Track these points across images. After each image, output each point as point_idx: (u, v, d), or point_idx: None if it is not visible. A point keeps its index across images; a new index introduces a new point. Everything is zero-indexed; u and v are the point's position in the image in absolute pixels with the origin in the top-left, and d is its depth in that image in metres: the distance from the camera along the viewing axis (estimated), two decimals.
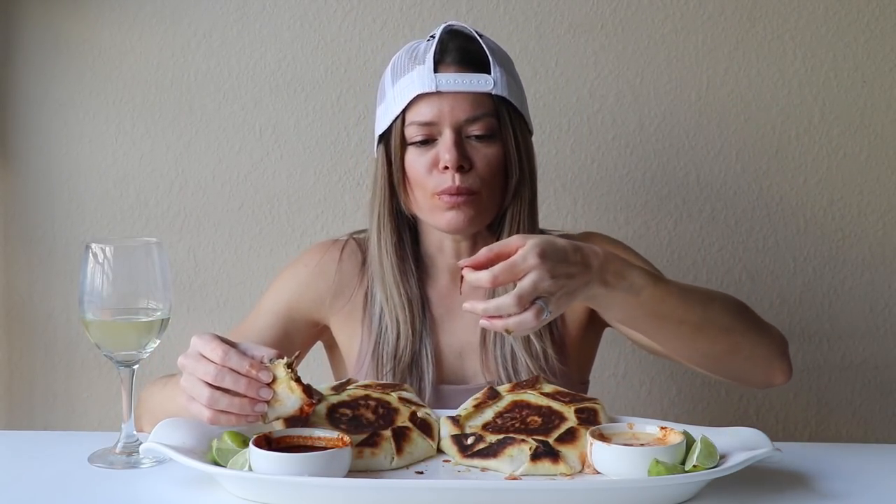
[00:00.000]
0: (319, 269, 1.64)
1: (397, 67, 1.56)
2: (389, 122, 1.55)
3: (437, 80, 1.51)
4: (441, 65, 1.52)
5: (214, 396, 1.23)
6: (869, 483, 1.29)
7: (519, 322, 1.23)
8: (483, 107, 1.52)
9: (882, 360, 2.20)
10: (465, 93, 1.51)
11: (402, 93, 1.53)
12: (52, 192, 2.15)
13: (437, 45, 1.53)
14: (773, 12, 2.14)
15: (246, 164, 2.15)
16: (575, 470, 1.25)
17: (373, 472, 1.26)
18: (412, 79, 1.52)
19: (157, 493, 1.23)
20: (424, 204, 1.54)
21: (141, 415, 1.51)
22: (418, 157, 1.53)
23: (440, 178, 1.51)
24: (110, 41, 2.13)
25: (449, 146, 1.50)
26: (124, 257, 1.31)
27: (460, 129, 1.51)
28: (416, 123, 1.52)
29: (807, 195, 2.16)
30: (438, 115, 1.51)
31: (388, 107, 1.56)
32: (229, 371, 1.23)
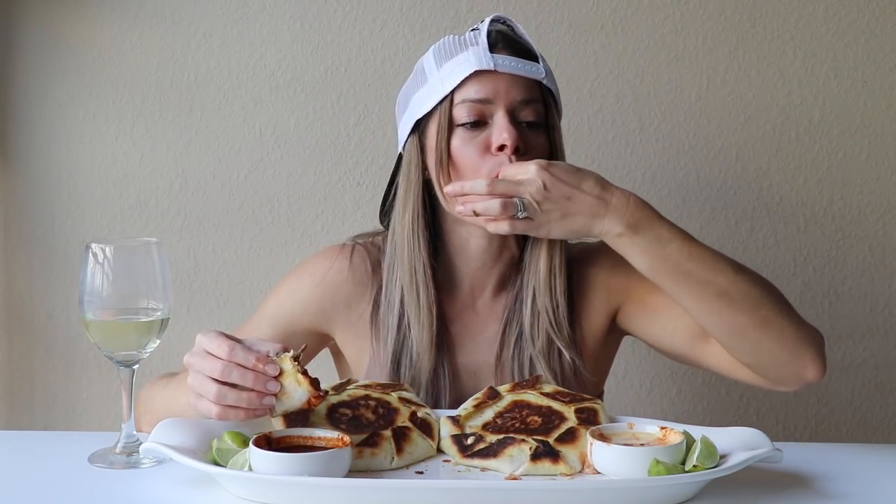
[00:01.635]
0: (325, 281, 1.56)
1: (443, 52, 1.49)
2: (433, 104, 1.47)
3: (495, 60, 1.45)
4: (495, 47, 1.47)
5: (222, 392, 1.23)
6: (869, 483, 1.29)
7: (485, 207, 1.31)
8: (534, 93, 1.48)
9: (882, 360, 2.20)
10: (519, 76, 1.46)
11: (453, 72, 1.46)
12: (52, 192, 2.15)
13: (487, 30, 1.48)
14: (773, 12, 2.14)
15: (246, 164, 2.15)
16: (575, 470, 1.25)
17: (373, 472, 1.26)
18: (466, 58, 1.46)
19: (157, 493, 1.23)
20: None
21: (141, 415, 1.51)
22: (468, 140, 1.46)
23: (494, 162, 1.44)
24: (110, 41, 2.13)
25: (506, 125, 1.43)
26: (124, 257, 1.31)
27: (513, 111, 1.45)
28: (468, 101, 1.45)
29: (807, 195, 2.17)
30: (494, 92, 1.45)
31: (431, 89, 1.48)
32: (236, 366, 1.23)
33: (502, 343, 1.54)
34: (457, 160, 1.46)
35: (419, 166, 1.51)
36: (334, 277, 1.56)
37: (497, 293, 1.56)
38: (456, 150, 1.46)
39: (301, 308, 1.57)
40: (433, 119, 1.48)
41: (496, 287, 1.56)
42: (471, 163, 1.45)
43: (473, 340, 1.56)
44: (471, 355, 1.55)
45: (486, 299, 1.56)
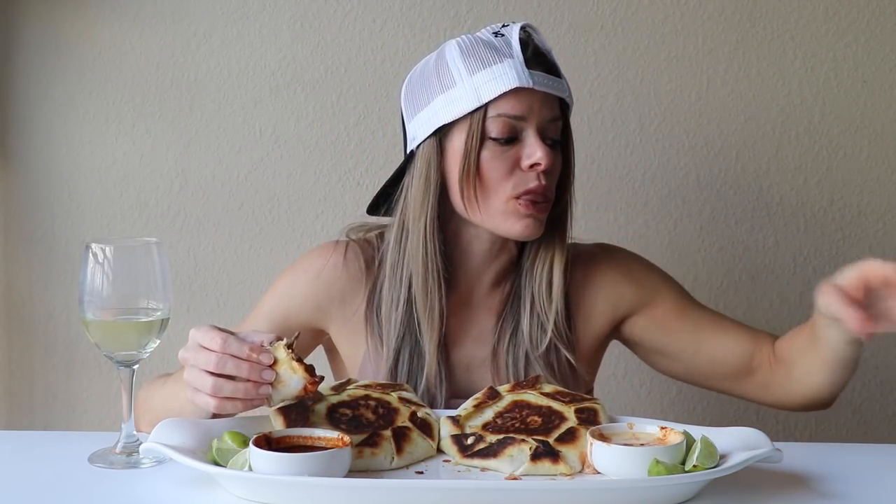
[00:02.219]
0: (321, 277, 1.57)
1: (474, 57, 1.47)
2: (463, 112, 1.46)
3: (533, 77, 1.46)
4: (530, 62, 1.47)
5: (218, 384, 1.24)
6: (869, 483, 1.29)
7: None
8: (558, 110, 1.50)
9: (882, 360, 2.20)
10: (550, 94, 1.48)
11: (490, 83, 1.45)
12: (52, 192, 2.15)
13: (519, 41, 1.47)
14: (773, 12, 2.14)
15: (246, 164, 2.15)
16: (575, 470, 1.25)
17: (373, 472, 1.26)
18: (504, 70, 1.45)
19: (157, 493, 1.23)
20: (498, 207, 1.46)
21: (140, 415, 1.51)
22: (498, 155, 1.46)
23: (523, 178, 1.45)
24: (110, 41, 2.13)
25: (540, 144, 1.45)
26: (124, 257, 1.31)
27: (543, 130, 1.47)
28: (504, 116, 1.45)
29: (807, 195, 2.17)
30: (528, 110, 1.45)
31: (461, 96, 1.46)
32: (230, 357, 1.24)
33: (498, 338, 1.55)
34: (485, 173, 1.46)
35: (438, 169, 1.50)
36: (329, 273, 1.57)
37: (493, 288, 1.57)
38: (485, 162, 1.46)
39: (297, 303, 1.58)
40: (461, 127, 1.47)
41: (492, 283, 1.57)
42: (499, 177, 1.46)
43: (468, 335, 1.57)
44: (465, 349, 1.57)
45: (481, 294, 1.58)
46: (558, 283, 1.53)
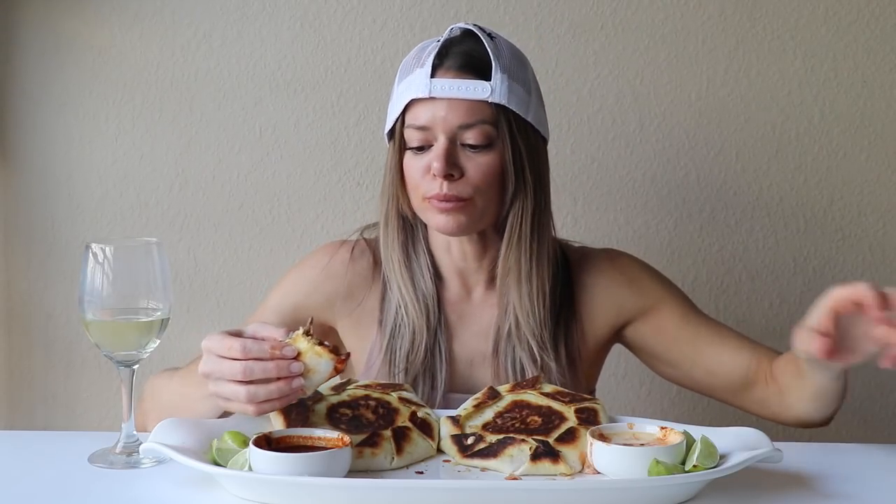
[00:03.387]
0: (328, 271, 1.60)
1: (404, 67, 1.54)
2: (391, 122, 1.54)
3: (432, 86, 1.47)
4: (439, 69, 1.48)
5: (251, 391, 1.23)
6: (869, 483, 1.29)
7: None
8: (479, 114, 1.48)
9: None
10: (460, 99, 1.47)
11: (402, 95, 1.51)
12: (52, 192, 2.15)
13: (440, 47, 1.49)
14: (773, 12, 2.14)
15: (246, 164, 2.15)
16: (575, 470, 1.25)
17: (373, 472, 1.26)
18: (411, 81, 1.50)
19: (157, 493, 1.23)
20: (417, 206, 1.53)
21: (148, 410, 1.51)
22: (414, 161, 1.51)
23: (431, 184, 1.49)
24: (110, 41, 2.13)
25: (438, 154, 1.47)
26: (124, 257, 1.31)
27: (454, 137, 1.48)
28: (412, 127, 1.50)
29: (807, 195, 2.16)
30: (432, 120, 1.48)
31: (393, 106, 1.54)
32: (255, 362, 1.23)
33: (497, 335, 1.57)
34: (406, 177, 1.53)
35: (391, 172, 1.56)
36: (336, 268, 1.61)
37: (489, 286, 1.60)
38: (405, 168, 1.53)
39: (304, 296, 1.60)
40: (394, 135, 1.54)
41: (488, 281, 1.60)
42: (415, 182, 1.51)
43: (469, 330, 1.59)
44: (466, 344, 1.59)
45: (480, 291, 1.60)
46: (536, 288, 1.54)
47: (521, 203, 1.52)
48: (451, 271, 1.59)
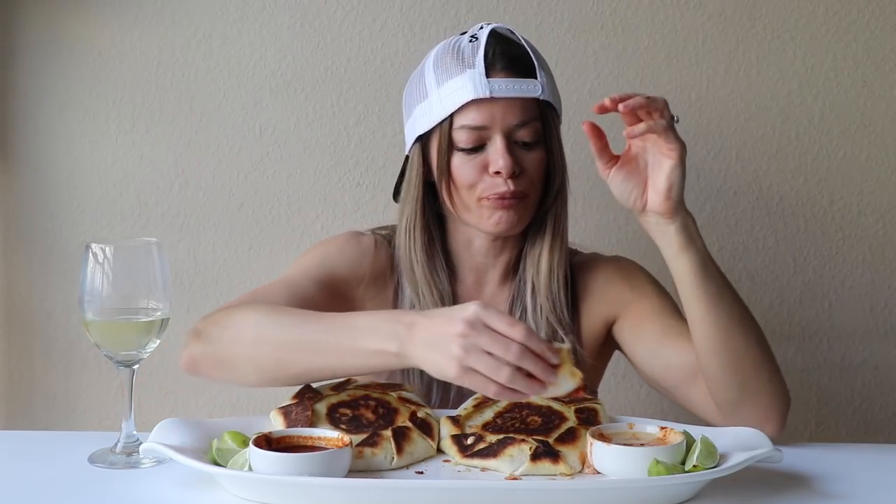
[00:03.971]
0: (361, 249, 1.60)
1: (442, 68, 1.53)
2: (433, 123, 1.53)
3: (491, 86, 1.49)
4: (492, 70, 1.50)
5: (513, 376, 1.18)
6: (869, 483, 1.29)
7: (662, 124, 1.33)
8: (531, 112, 1.51)
9: (882, 360, 2.20)
10: (515, 98, 1.50)
11: (451, 96, 1.50)
12: (52, 192, 2.15)
13: (484, 48, 1.51)
14: (773, 12, 2.14)
15: (246, 164, 2.15)
16: (575, 470, 1.25)
17: (373, 472, 1.26)
18: (463, 82, 1.50)
19: (157, 493, 1.23)
20: (472, 206, 1.53)
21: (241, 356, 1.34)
22: (467, 161, 1.51)
23: (491, 183, 1.50)
24: (110, 41, 2.13)
25: (502, 152, 1.49)
26: (124, 257, 1.31)
27: (510, 135, 1.51)
28: (466, 127, 1.50)
29: (807, 195, 2.16)
30: (490, 119, 1.50)
31: (432, 107, 1.53)
32: (528, 352, 1.18)
33: None
34: (456, 179, 1.53)
35: (421, 174, 1.57)
36: (367, 249, 1.61)
37: (502, 282, 1.62)
38: (456, 169, 1.53)
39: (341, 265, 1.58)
40: (434, 137, 1.54)
41: (501, 276, 1.62)
42: (470, 182, 1.52)
43: None
44: None
45: (492, 287, 1.62)
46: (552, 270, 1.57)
47: (563, 195, 1.59)
48: (467, 268, 1.61)
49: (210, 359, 1.37)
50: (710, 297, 1.40)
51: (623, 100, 1.33)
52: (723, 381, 1.41)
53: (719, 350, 1.40)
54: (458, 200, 1.54)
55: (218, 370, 1.38)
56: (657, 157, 1.37)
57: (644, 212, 1.40)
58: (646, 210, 1.40)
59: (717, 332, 1.40)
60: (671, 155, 1.35)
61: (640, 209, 1.40)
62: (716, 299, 1.40)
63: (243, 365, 1.35)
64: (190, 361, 1.38)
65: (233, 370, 1.36)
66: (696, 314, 1.41)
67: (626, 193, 1.40)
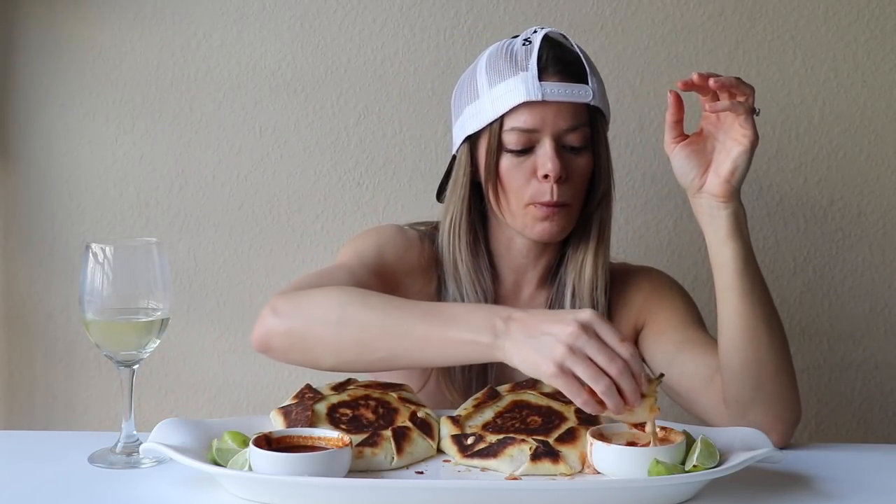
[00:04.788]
0: (408, 242, 1.60)
1: (495, 69, 1.53)
2: (483, 124, 1.54)
3: (543, 89, 1.50)
4: (545, 73, 1.51)
5: (611, 389, 1.17)
6: (869, 483, 1.29)
7: None
8: (581, 117, 1.52)
9: (882, 360, 2.20)
10: (567, 102, 1.51)
11: (503, 97, 1.51)
12: (52, 192, 2.15)
13: (538, 52, 1.52)
14: (773, 12, 2.14)
15: (246, 164, 2.15)
16: (575, 470, 1.25)
17: (373, 472, 1.26)
18: (516, 84, 1.50)
19: (157, 493, 1.23)
20: (518, 211, 1.53)
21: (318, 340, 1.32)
22: (516, 164, 1.52)
23: (538, 188, 1.51)
24: (110, 41, 2.13)
25: (551, 156, 1.50)
26: (124, 257, 1.31)
27: (559, 139, 1.51)
28: (517, 130, 1.51)
29: (807, 195, 2.16)
30: (541, 123, 1.50)
31: (483, 108, 1.54)
32: (629, 372, 1.18)
33: None
34: (504, 181, 1.54)
35: (468, 174, 1.58)
36: (413, 242, 1.61)
37: (539, 287, 1.63)
38: (504, 171, 1.54)
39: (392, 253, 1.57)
40: (483, 137, 1.55)
41: (539, 281, 1.63)
42: (518, 186, 1.53)
43: None
44: None
45: (529, 292, 1.63)
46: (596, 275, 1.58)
47: (608, 202, 1.59)
48: (507, 268, 1.62)
49: (288, 337, 1.33)
50: (745, 290, 1.41)
51: (712, 76, 1.34)
52: (740, 378, 1.41)
53: (744, 346, 1.41)
54: (505, 203, 1.55)
55: (294, 350, 1.34)
56: (727, 141, 1.38)
57: (699, 192, 1.41)
58: (701, 191, 1.41)
59: (745, 327, 1.41)
60: (743, 141, 1.36)
61: (696, 189, 1.41)
62: (750, 295, 1.41)
63: (323, 346, 1.32)
64: (264, 338, 1.34)
65: (311, 350, 1.33)
66: (728, 306, 1.42)
67: (687, 171, 1.41)
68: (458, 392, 1.57)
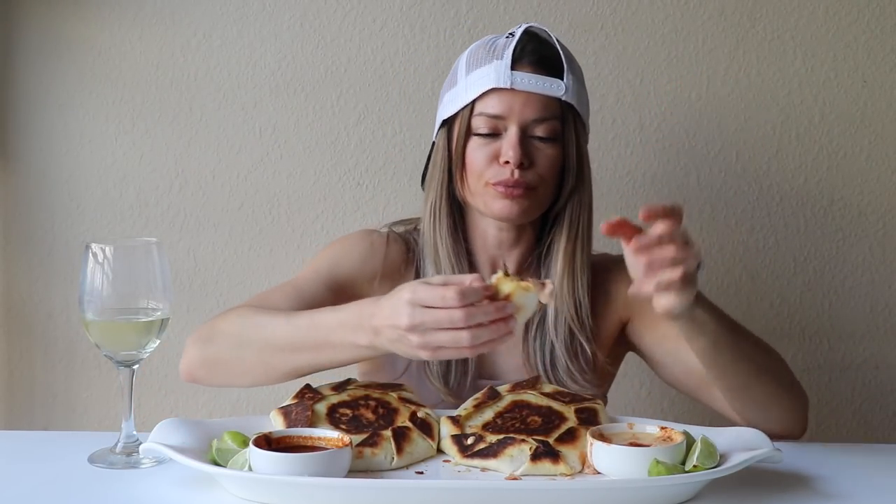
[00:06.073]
0: (373, 248, 1.62)
1: (474, 58, 1.57)
2: (457, 109, 1.56)
3: (513, 77, 1.52)
4: (518, 63, 1.53)
5: (474, 334, 1.19)
6: (869, 483, 1.29)
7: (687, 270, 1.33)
8: (551, 110, 1.54)
9: (882, 360, 2.20)
10: (536, 94, 1.52)
11: (476, 83, 1.54)
12: (52, 192, 2.15)
13: (516, 43, 1.54)
14: (773, 12, 2.14)
15: (246, 164, 2.15)
16: (575, 470, 1.25)
17: (373, 472, 1.26)
18: (488, 71, 1.53)
19: (157, 493, 1.23)
20: (477, 190, 1.55)
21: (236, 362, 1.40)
22: (480, 147, 1.54)
23: (498, 171, 1.53)
24: (110, 41, 2.13)
25: (513, 143, 1.51)
26: (124, 257, 1.31)
27: (526, 128, 1.53)
28: (484, 115, 1.53)
29: (807, 195, 2.16)
30: (508, 110, 1.52)
31: (458, 94, 1.57)
32: (475, 307, 1.20)
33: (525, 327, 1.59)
34: (467, 164, 1.56)
35: (445, 159, 1.60)
36: (379, 247, 1.63)
37: None
38: (469, 154, 1.56)
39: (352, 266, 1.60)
40: (456, 122, 1.57)
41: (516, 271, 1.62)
42: (479, 168, 1.55)
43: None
44: None
45: None
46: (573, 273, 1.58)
47: (580, 197, 1.59)
48: (483, 259, 1.63)
49: (207, 365, 1.43)
50: (723, 366, 1.42)
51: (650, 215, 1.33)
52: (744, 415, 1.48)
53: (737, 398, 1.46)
54: (467, 185, 1.57)
55: (216, 375, 1.44)
56: None
57: None
58: None
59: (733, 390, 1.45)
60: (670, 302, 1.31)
61: None
62: (729, 367, 1.43)
63: (235, 368, 1.41)
64: (188, 370, 1.45)
65: (228, 374, 1.42)
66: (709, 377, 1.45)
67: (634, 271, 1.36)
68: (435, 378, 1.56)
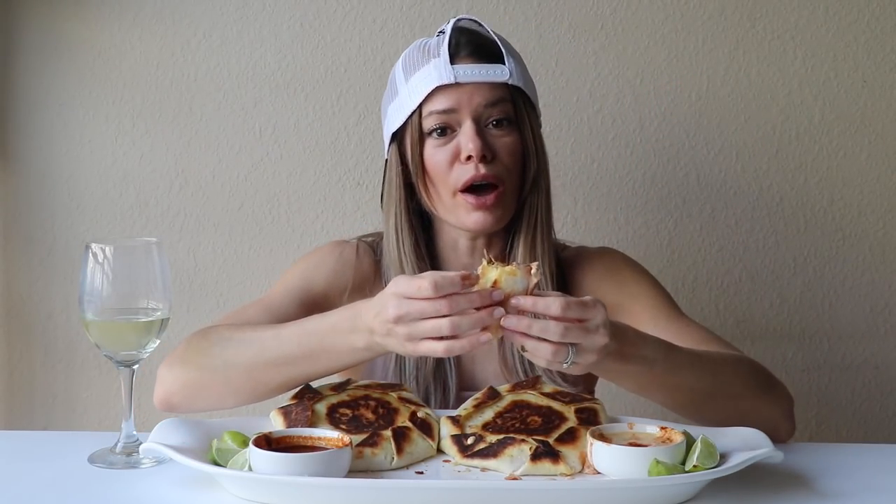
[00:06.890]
0: (343, 260, 1.61)
1: (409, 63, 1.55)
2: (405, 117, 1.54)
3: (455, 71, 1.51)
4: (457, 57, 1.52)
5: (455, 322, 1.18)
6: (869, 483, 1.29)
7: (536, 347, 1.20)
8: (499, 94, 1.52)
9: (882, 360, 2.20)
10: (482, 83, 1.51)
11: (419, 86, 1.52)
12: (52, 192, 2.15)
13: (450, 38, 1.53)
14: (773, 12, 2.14)
15: (246, 164, 2.15)
16: (575, 470, 1.25)
17: (373, 472, 1.26)
18: (428, 72, 1.52)
19: (157, 493, 1.23)
20: (448, 202, 1.53)
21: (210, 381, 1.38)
22: (438, 149, 1.52)
23: (462, 170, 1.50)
24: (110, 41, 2.13)
25: (471, 135, 1.49)
26: (124, 257, 1.31)
27: (479, 118, 1.51)
28: (435, 112, 1.51)
29: (807, 195, 2.16)
30: (457, 103, 1.51)
31: (403, 102, 1.54)
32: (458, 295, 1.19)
33: None
34: (429, 169, 1.53)
35: (400, 174, 1.57)
36: (348, 259, 1.61)
37: None
38: (428, 159, 1.53)
39: (322, 280, 1.59)
40: (407, 131, 1.55)
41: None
42: (442, 172, 1.52)
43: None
44: None
45: None
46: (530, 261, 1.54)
47: (540, 184, 1.56)
48: (454, 268, 1.60)
49: (187, 390, 1.40)
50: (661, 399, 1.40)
51: None
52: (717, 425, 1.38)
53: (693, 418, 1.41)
54: (436, 196, 1.54)
55: (198, 399, 1.40)
56: None
57: None
58: None
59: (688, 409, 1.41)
60: None
61: None
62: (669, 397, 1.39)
63: (221, 389, 1.39)
64: (164, 398, 1.41)
65: (213, 396, 1.40)
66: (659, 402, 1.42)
67: None
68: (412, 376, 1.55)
